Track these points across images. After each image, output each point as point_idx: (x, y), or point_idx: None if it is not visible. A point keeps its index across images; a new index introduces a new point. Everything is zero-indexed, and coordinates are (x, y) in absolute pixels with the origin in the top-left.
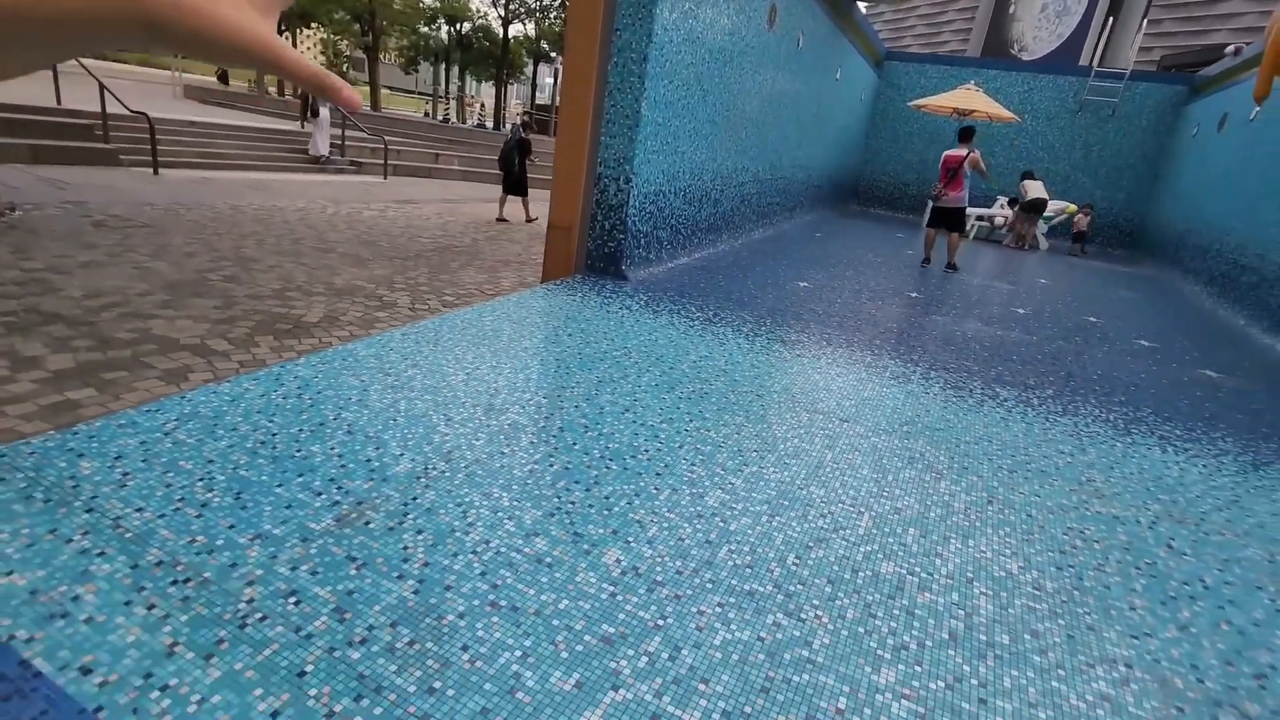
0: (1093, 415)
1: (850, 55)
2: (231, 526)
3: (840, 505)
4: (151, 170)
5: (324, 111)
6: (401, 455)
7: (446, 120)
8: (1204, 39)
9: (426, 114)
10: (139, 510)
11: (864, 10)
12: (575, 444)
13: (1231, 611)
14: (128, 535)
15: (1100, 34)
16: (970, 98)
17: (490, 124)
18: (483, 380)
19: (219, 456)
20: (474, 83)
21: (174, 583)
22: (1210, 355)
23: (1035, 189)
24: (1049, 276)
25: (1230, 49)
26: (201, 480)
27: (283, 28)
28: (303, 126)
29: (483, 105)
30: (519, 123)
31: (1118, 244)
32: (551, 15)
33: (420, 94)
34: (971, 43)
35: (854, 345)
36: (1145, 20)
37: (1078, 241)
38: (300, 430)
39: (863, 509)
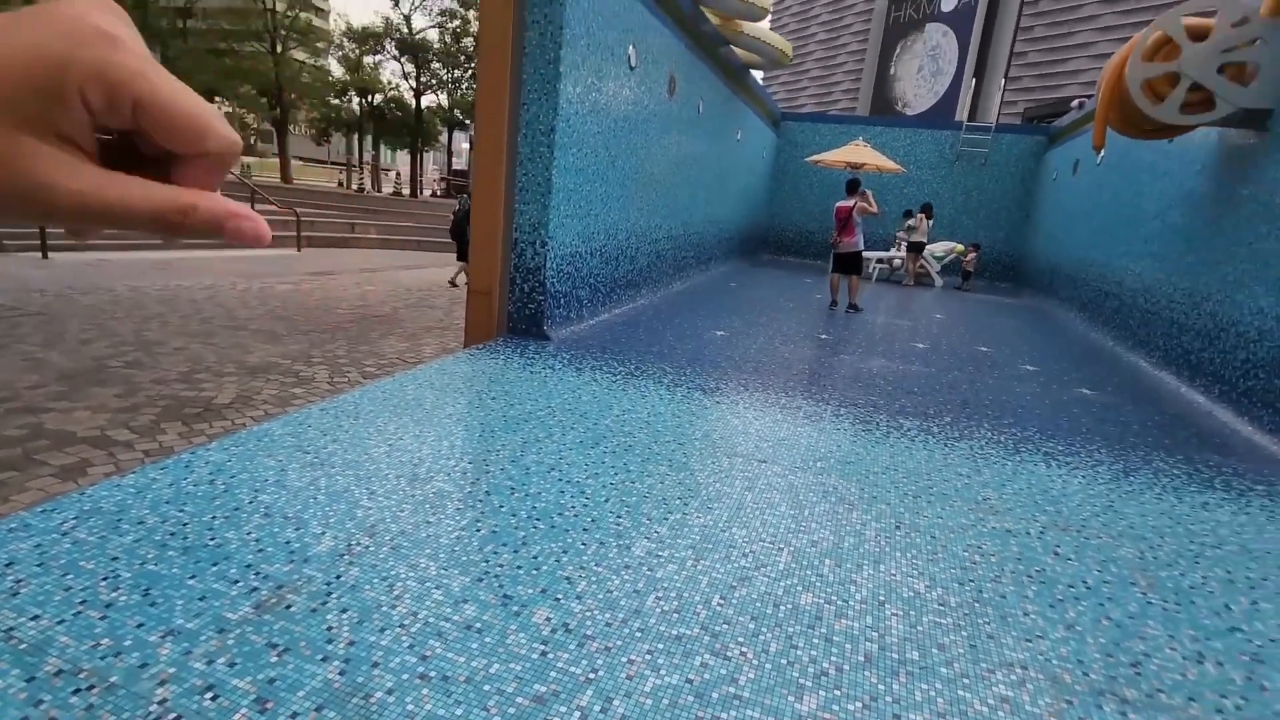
0: (986, 438)
1: (749, 117)
2: (140, 625)
3: (761, 543)
4: (40, 254)
5: None
6: (323, 534)
7: (361, 190)
8: (1057, 93)
9: (341, 184)
10: (34, 619)
11: (759, 77)
12: (502, 507)
13: (1110, 607)
14: (22, 646)
15: (969, 92)
16: (860, 152)
17: (407, 191)
18: (406, 450)
19: (124, 553)
20: (389, 151)
21: (76, 691)
22: (1085, 375)
23: (923, 228)
24: (944, 311)
25: (1075, 103)
26: (105, 580)
27: None
28: None
29: (399, 174)
30: (469, 194)
31: (1002, 278)
32: (464, 86)
33: (334, 164)
34: (860, 101)
35: (769, 388)
36: (1006, 79)
37: (966, 278)
38: (213, 517)
39: (782, 545)
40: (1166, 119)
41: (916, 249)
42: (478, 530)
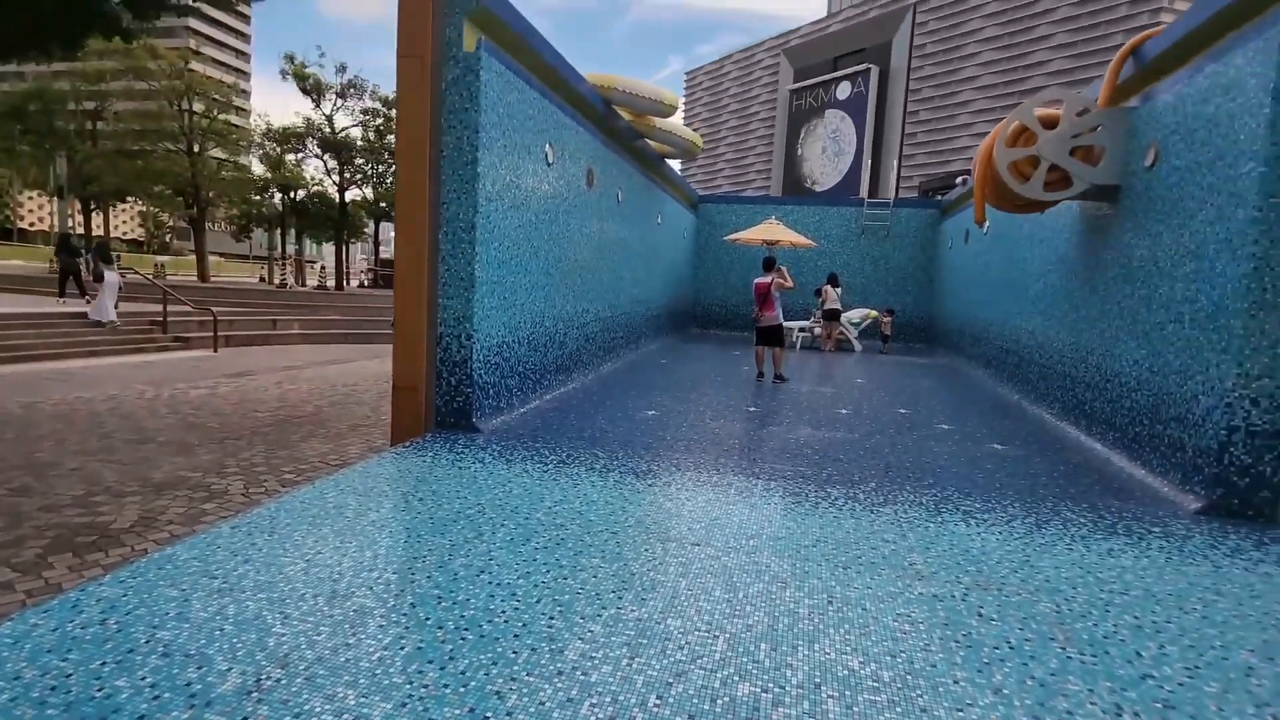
0: (909, 501)
1: (667, 202)
2: None
3: (697, 633)
4: None
5: (110, 275)
6: (229, 670)
7: (284, 285)
8: (946, 168)
9: (262, 278)
10: None
11: (677, 165)
12: (428, 619)
13: (1033, 666)
14: None
15: (868, 170)
16: (774, 230)
17: (332, 284)
18: (324, 565)
19: None
20: (313, 244)
21: None
22: (995, 430)
23: (831, 298)
24: (864, 376)
25: (959, 180)
26: None
27: (93, 205)
28: (61, 303)
29: (323, 267)
30: None
31: (916, 339)
32: (389, 180)
33: (256, 258)
34: (773, 181)
35: (701, 466)
36: (900, 158)
37: (885, 341)
38: (103, 664)
39: (718, 632)
40: (1033, 196)
41: (832, 316)
42: (401, 648)
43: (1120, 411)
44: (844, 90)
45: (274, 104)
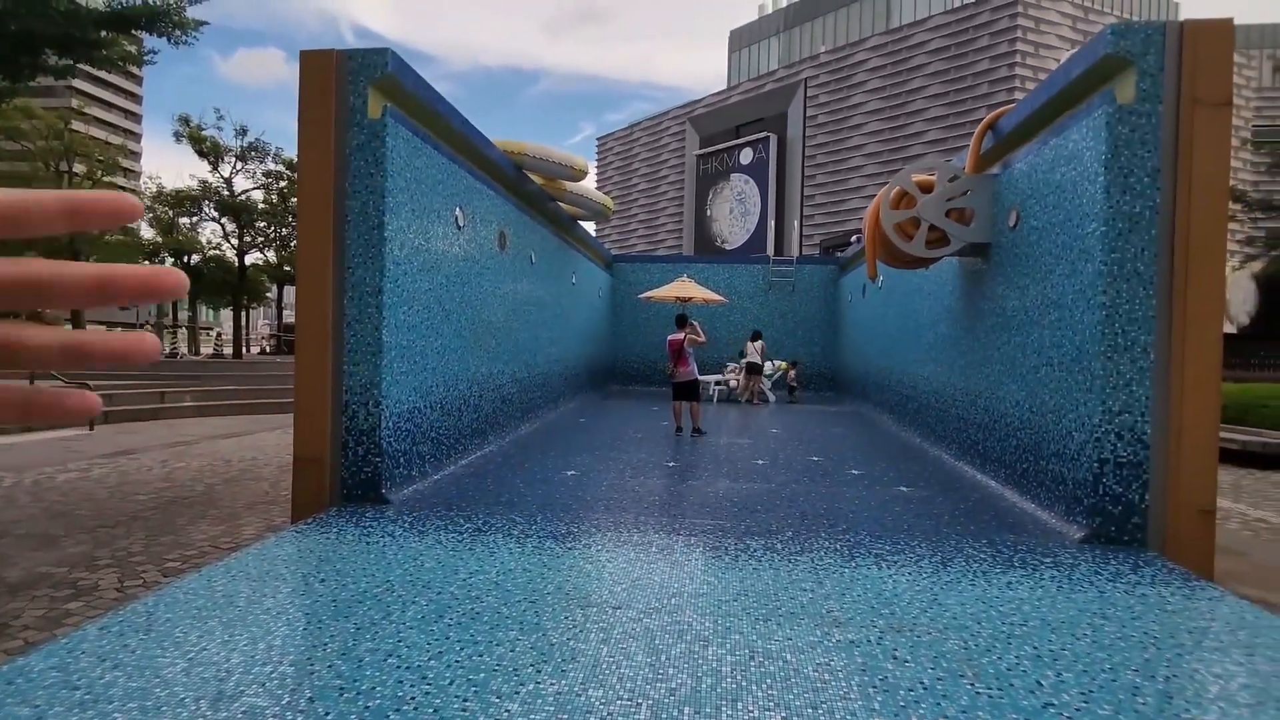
0: (825, 547)
1: (581, 262)
2: None
3: (619, 702)
4: None
5: None
6: None
7: (175, 354)
8: (843, 226)
9: None
10: None
11: (592, 226)
12: (328, 714)
13: (946, 705)
14: None
15: (773, 229)
16: (686, 287)
17: (230, 351)
18: (210, 664)
19: None
20: (209, 310)
21: None
22: (901, 472)
23: (752, 351)
24: (778, 426)
25: (854, 238)
26: None
27: None
28: None
29: (219, 333)
30: None
31: (824, 388)
32: (293, 243)
33: (143, 326)
34: (685, 241)
35: (621, 526)
36: (801, 218)
37: (792, 391)
38: None
39: (640, 699)
40: (918, 253)
41: (754, 370)
42: None
43: (1008, 450)
44: (747, 155)
45: (169, 167)
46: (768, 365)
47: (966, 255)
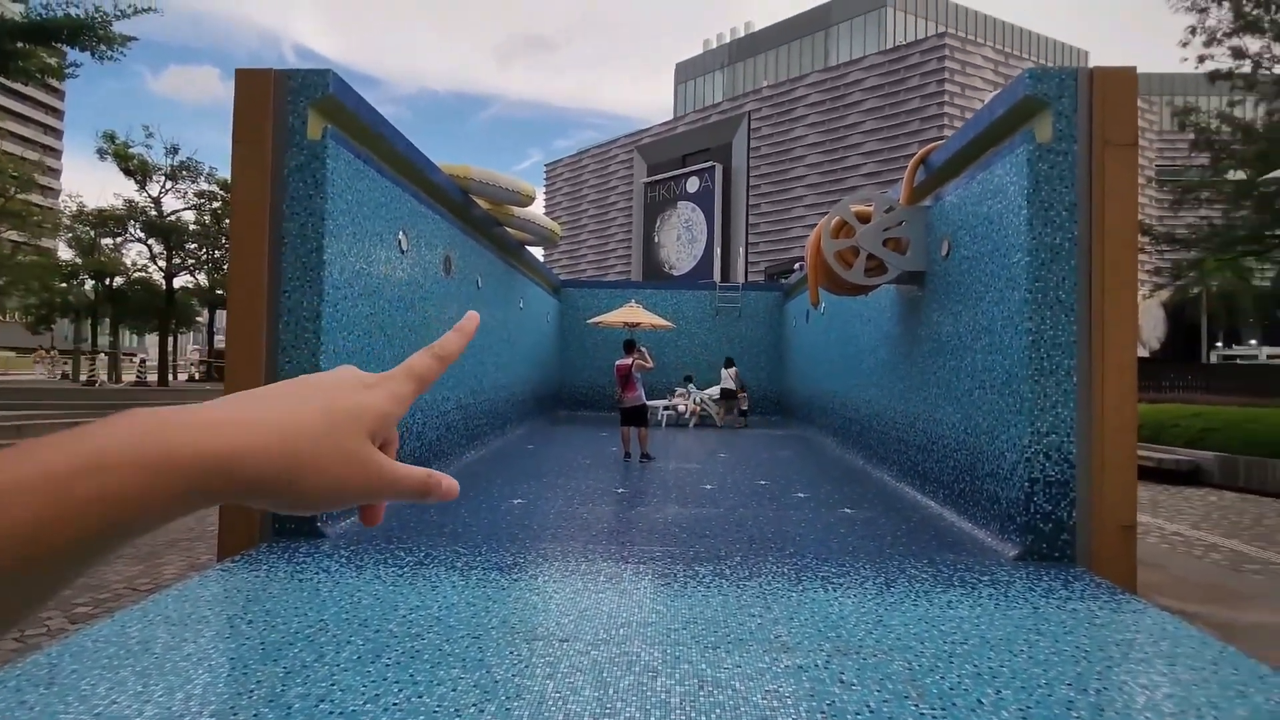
0: (773, 572)
1: (529, 287)
2: None
3: None
4: None
5: None
6: None
7: (93, 382)
8: (788, 254)
9: (66, 375)
10: None
11: (540, 252)
12: None
13: None
14: None
15: (719, 255)
16: (634, 313)
17: (154, 378)
18: (119, 718)
19: None
20: (133, 336)
21: None
22: (846, 494)
23: (726, 378)
24: (727, 450)
25: (796, 265)
26: None
27: None
28: None
29: (143, 360)
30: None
31: (771, 412)
32: (226, 267)
33: (61, 352)
34: (634, 266)
35: (569, 555)
36: (747, 245)
37: (744, 415)
38: None
39: None
40: (857, 281)
41: (729, 395)
42: None
43: (946, 470)
44: (693, 184)
45: (92, 185)
46: (715, 390)
47: (903, 283)
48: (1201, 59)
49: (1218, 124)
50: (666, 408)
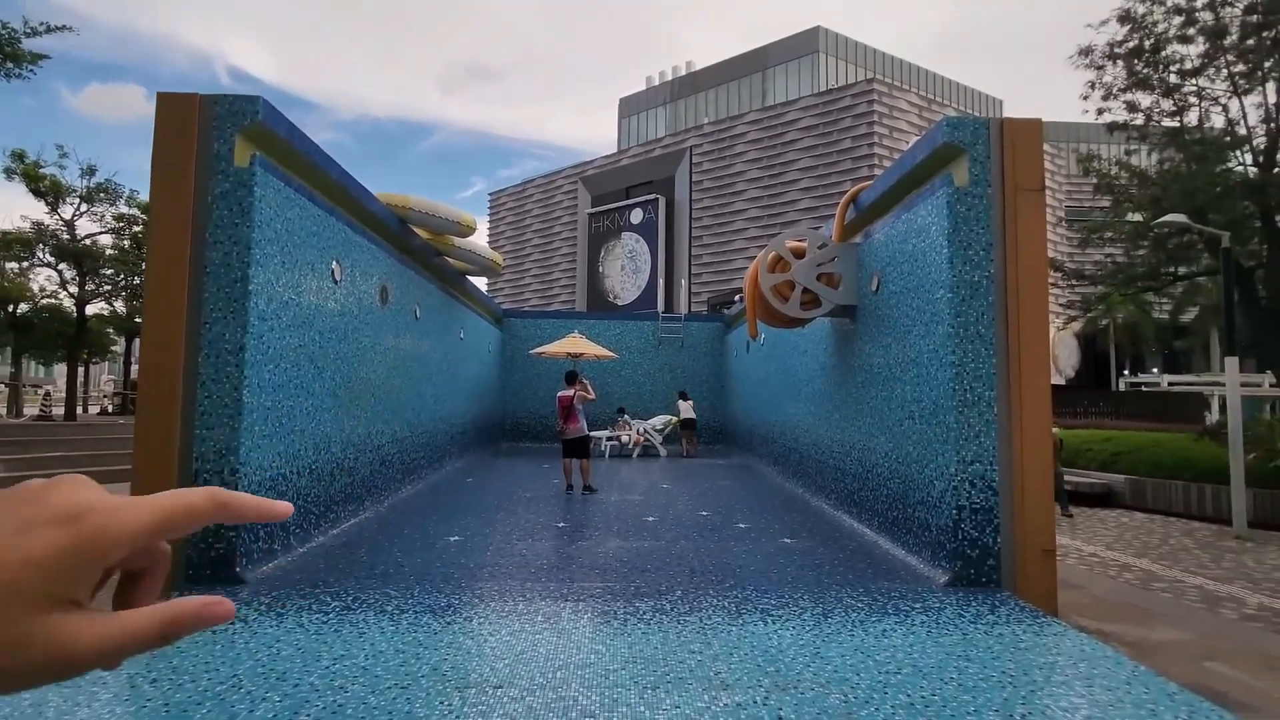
0: (713, 606)
1: (470, 317)
2: None
3: None
4: None
5: None
6: None
7: None
8: (730, 285)
9: None
10: None
11: (481, 284)
12: None
13: None
14: None
15: (663, 286)
16: (577, 343)
17: (60, 411)
18: None
19: None
20: (38, 366)
21: None
22: (786, 524)
23: (685, 409)
24: (669, 481)
25: (737, 297)
26: None
27: None
28: None
29: (48, 392)
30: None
31: (714, 441)
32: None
33: None
34: (578, 296)
35: (506, 595)
36: (689, 277)
37: (684, 445)
38: None
39: None
40: (793, 314)
41: (689, 425)
42: None
43: (880, 499)
44: (637, 215)
45: None
46: (659, 420)
47: (837, 316)
48: (1100, 111)
49: (1117, 171)
50: (610, 438)
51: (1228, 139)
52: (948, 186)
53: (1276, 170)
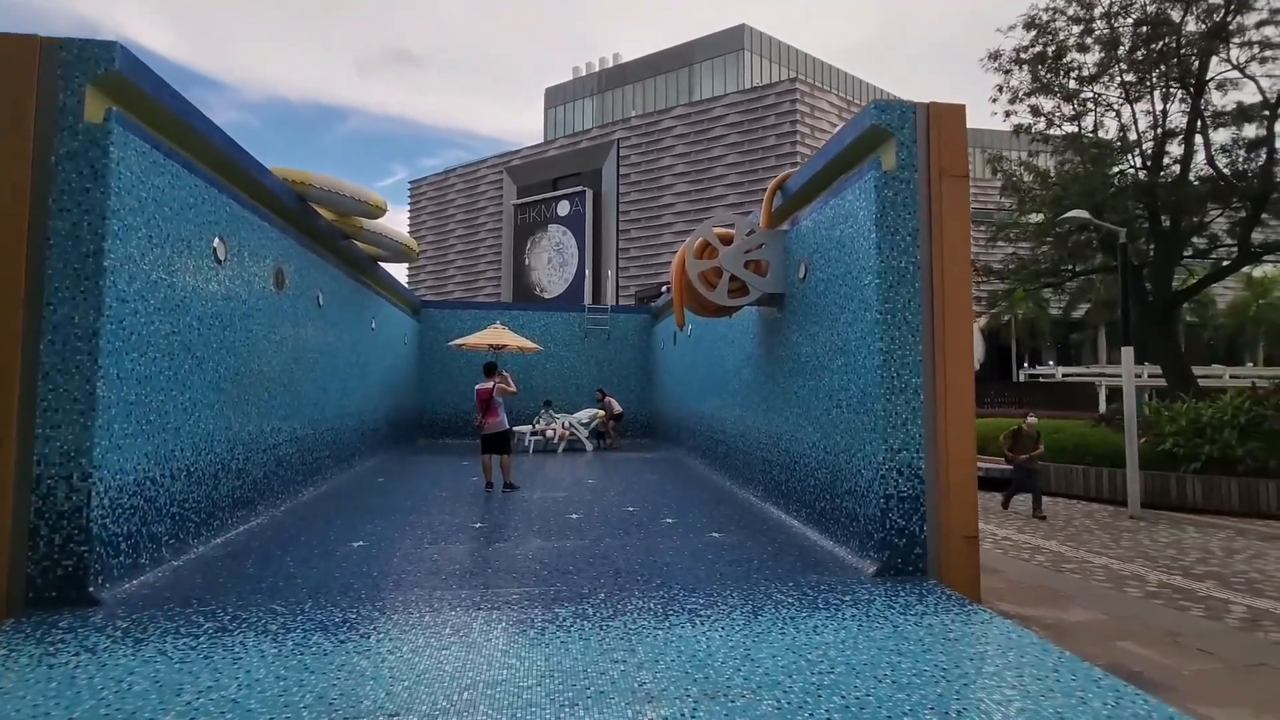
0: (638, 608)
1: (383, 306)
2: None
3: None
4: None
5: None
6: None
7: None
8: (657, 278)
9: None
10: None
11: (403, 270)
12: None
13: None
14: None
15: (590, 279)
16: (499, 334)
17: None
18: None
19: None
20: None
21: None
22: (713, 518)
23: (613, 404)
24: (595, 476)
25: (664, 288)
26: None
27: None
28: None
29: None
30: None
31: (640, 435)
32: None
33: None
34: (504, 288)
35: (411, 605)
36: (617, 270)
37: (603, 437)
38: None
39: None
40: (720, 302)
41: (618, 418)
42: None
43: (808, 489)
44: (564, 208)
45: None
46: (585, 414)
47: (764, 305)
48: (1007, 114)
49: (1021, 171)
50: (534, 433)
51: (1118, 144)
52: (875, 170)
53: (1162, 175)
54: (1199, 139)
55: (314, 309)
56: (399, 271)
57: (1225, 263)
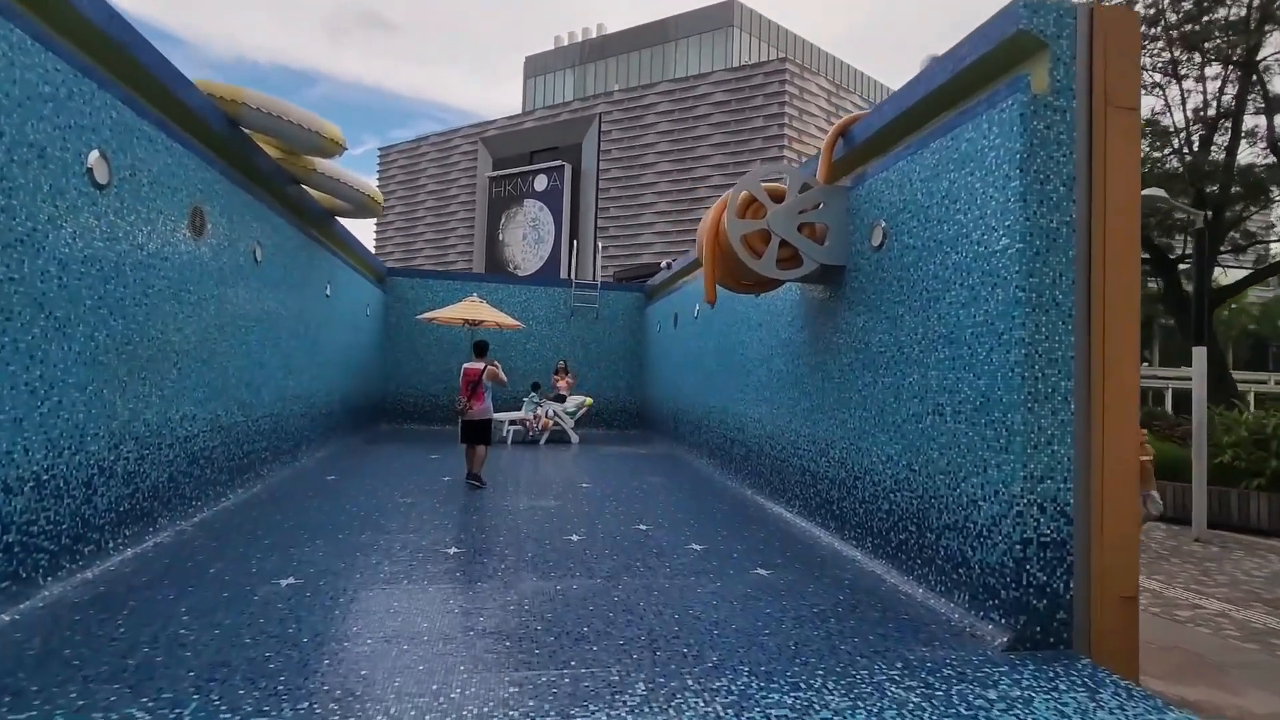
0: (698, 712)
1: (341, 270)
2: None
3: None
4: None
5: None
6: None
7: None
8: (637, 259)
9: None
10: None
11: (371, 228)
12: None
13: None
14: None
15: (566, 257)
16: (476, 309)
17: None
18: None
19: None
20: None
21: None
22: (749, 544)
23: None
24: (588, 477)
25: (664, 264)
26: None
27: None
28: None
29: None
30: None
31: (629, 425)
32: None
33: None
34: (475, 262)
35: (350, 702)
36: (595, 249)
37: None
38: None
39: None
40: (767, 273)
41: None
42: None
43: (878, 515)
44: (541, 182)
45: None
46: (572, 402)
47: (815, 280)
48: None
49: None
50: (512, 423)
51: (1171, 128)
52: (1021, 94)
53: (1209, 163)
54: (1257, 122)
55: (249, 265)
56: (364, 235)
57: (1276, 259)
